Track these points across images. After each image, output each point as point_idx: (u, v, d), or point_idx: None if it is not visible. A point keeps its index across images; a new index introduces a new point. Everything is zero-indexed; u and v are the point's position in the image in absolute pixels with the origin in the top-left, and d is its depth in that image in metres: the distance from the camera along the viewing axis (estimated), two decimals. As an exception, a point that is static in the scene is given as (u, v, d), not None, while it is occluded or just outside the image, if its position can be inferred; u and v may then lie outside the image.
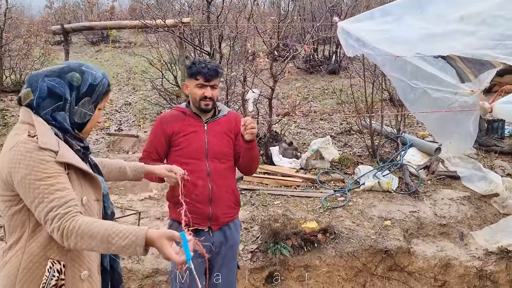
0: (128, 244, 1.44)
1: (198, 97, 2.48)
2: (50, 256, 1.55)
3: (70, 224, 1.46)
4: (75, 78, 1.65)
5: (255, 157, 2.57)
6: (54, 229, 1.47)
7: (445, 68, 3.95)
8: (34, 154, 1.50)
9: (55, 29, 6.40)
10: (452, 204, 4.79)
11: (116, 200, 4.75)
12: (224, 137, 2.55)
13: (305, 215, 4.41)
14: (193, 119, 2.54)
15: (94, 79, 1.69)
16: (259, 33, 6.00)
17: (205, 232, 2.49)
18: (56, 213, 1.47)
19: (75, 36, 14.07)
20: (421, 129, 7.16)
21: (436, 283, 3.99)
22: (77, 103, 1.65)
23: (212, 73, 2.46)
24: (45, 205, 1.47)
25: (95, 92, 1.69)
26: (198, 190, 2.46)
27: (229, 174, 2.60)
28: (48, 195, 1.48)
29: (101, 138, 7.26)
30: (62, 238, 1.47)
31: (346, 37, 4.15)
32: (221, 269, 2.60)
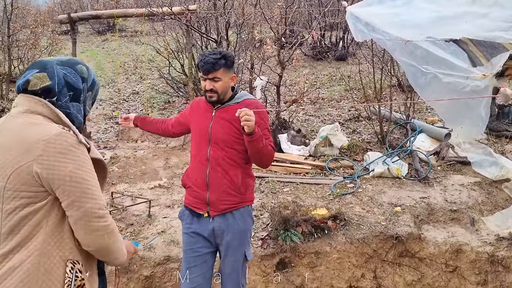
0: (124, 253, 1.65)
1: (203, 89, 2.52)
2: (68, 256, 1.48)
3: (114, 224, 1.52)
4: (84, 70, 1.64)
5: (259, 150, 2.42)
6: (105, 227, 1.47)
7: (457, 52, 3.89)
8: (78, 149, 1.46)
9: (62, 18, 6.38)
10: (462, 189, 4.76)
11: (126, 189, 4.77)
12: (227, 124, 2.48)
13: (315, 202, 4.41)
14: (206, 105, 2.61)
15: (94, 76, 1.71)
16: (266, 19, 5.94)
17: (205, 218, 2.55)
18: (105, 212, 1.49)
19: (81, 26, 14.05)
20: (430, 115, 7.10)
21: (447, 268, 3.99)
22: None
23: (208, 67, 2.41)
24: (96, 202, 1.46)
25: (95, 89, 1.71)
26: (197, 175, 2.55)
27: (230, 161, 2.50)
28: (97, 193, 1.48)
29: (110, 127, 7.29)
30: (107, 237, 1.49)
31: (355, 22, 4.09)
32: (226, 257, 2.58)
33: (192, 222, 2.59)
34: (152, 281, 3.60)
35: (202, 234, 2.56)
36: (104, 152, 5.68)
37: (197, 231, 2.57)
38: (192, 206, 2.58)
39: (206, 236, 2.56)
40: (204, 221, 2.56)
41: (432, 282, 3.99)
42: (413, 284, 3.99)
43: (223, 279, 2.64)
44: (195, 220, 2.58)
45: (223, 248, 2.59)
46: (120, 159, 5.48)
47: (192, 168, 2.61)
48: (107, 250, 1.53)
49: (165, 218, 4.19)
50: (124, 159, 5.47)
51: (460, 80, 3.99)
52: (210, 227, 2.55)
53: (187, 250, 2.60)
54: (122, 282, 3.57)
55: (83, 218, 1.44)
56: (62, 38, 10.97)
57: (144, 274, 3.59)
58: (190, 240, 2.59)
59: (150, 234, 3.90)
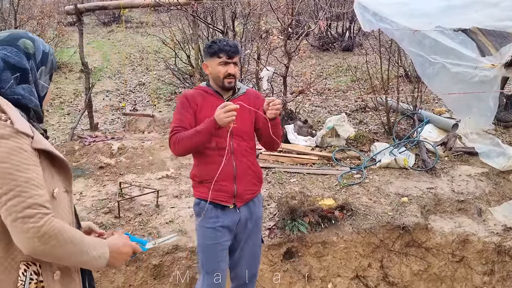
0: (97, 255, 1.42)
1: (222, 75, 2.47)
2: (22, 258, 1.34)
3: (52, 227, 1.29)
4: (29, 45, 1.45)
5: (279, 134, 2.56)
6: (32, 230, 1.26)
7: (465, 41, 3.86)
8: (10, 140, 1.29)
9: (69, 9, 6.39)
10: (470, 180, 4.75)
11: (134, 179, 4.81)
12: (245, 115, 2.53)
13: (322, 192, 4.42)
14: (214, 98, 2.54)
15: (45, 46, 1.51)
16: (273, 9, 5.92)
17: (231, 209, 2.55)
18: (36, 211, 1.27)
19: (87, 17, 14.04)
20: (437, 106, 7.07)
21: (454, 258, 3.99)
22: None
23: (235, 50, 2.47)
24: (22, 200, 1.26)
25: (48, 61, 1.52)
26: (223, 168, 2.44)
27: (251, 152, 2.62)
28: (27, 190, 1.28)
29: (117, 118, 7.33)
30: (39, 241, 1.27)
31: (363, 11, 4.07)
32: (246, 243, 2.67)
33: (217, 215, 2.53)
34: (160, 270, 3.64)
35: (228, 227, 2.55)
36: (112, 142, 5.71)
37: (224, 224, 2.53)
38: (216, 200, 2.51)
39: (232, 227, 2.57)
40: (231, 213, 2.55)
41: (438, 272, 4.00)
42: (419, 274, 4.01)
43: (240, 263, 2.68)
44: (220, 213, 2.53)
45: (244, 236, 2.64)
46: (128, 149, 5.52)
47: (212, 162, 2.47)
48: (50, 256, 1.33)
49: (173, 208, 4.23)
50: (131, 150, 5.51)
51: (469, 70, 3.97)
52: (236, 218, 2.56)
53: (213, 245, 2.54)
54: (130, 270, 3.62)
55: (6, 218, 1.27)
56: (68, 29, 10.99)
57: (153, 263, 3.63)
58: (217, 234, 2.53)
59: (159, 224, 3.94)
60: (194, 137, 2.38)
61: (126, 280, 3.59)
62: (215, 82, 2.56)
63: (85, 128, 6.82)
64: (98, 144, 5.64)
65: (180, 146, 2.42)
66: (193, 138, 2.38)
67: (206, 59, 2.56)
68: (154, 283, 3.63)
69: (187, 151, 2.49)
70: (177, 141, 2.42)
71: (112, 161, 5.22)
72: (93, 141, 5.81)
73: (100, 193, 4.49)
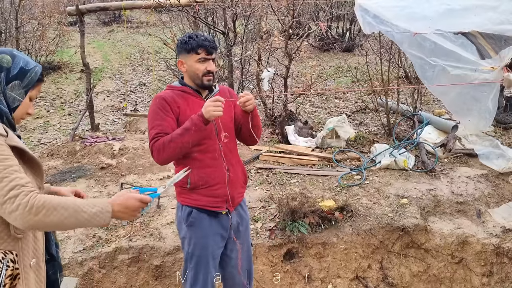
0: (98, 210, 1.51)
1: (200, 72, 2.32)
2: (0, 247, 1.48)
3: (38, 199, 1.41)
4: (5, 60, 1.60)
5: (260, 125, 2.50)
6: (20, 206, 1.38)
7: (465, 44, 3.88)
8: None
9: (70, 10, 6.41)
10: (469, 182, 4.78)
11: (135, 180, 4.83)
12: (226, 112, 2.36)
13: (322, 193, 4.45)
14: (194, 97, 2.39)
15: (26, 63, 1.64)
16: (274, 10, 5.94)
17: (223, 215, 2.44)
18: (20, 190, 1.41)
19: (87, 17, 14.04)
20: (437, 107, 7.09)
21: (453, 260, 4.02)
22: (6, 85, 1.58)
23: (214, 45, 2.35)
24: (5, 184, 1.40)
25: (26, 77, 1.62)
26: (216, 172, 2.37)
27: (236, 151, 2.55)
28: (8, 175, 1.42)
29: (118, 118, 7.35)
30: (30, 214, 1.39)
31: (364, 14, 4.09)
32: (242, 248, 2.59)
33: (211, 224, 2.41)
34: (162, 271, 3.66)
35: (222, 234, 2.46)
36: (113, 143, 5.73)
37: (217, 232, 2.44)
38: (210, 206, 2.38)
39: (224, 234, 2.47)
40: (224, 219, 2.45)
41: (437, 273, 4.03)
42: (419, 275, 4.03)
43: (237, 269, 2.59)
44: (213, 221, 2.41)
45: (238, 240, 2.56)
46: (129, 150, 5.54)
47: (204, 166, 2.35)
48: (49, 225, 1.45)
49: (174, 209, 4.24)
50: (132, 150, 5.53)
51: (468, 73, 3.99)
52: (228, 224, 2.47)
53: (206, 255, 2.42)
54: (132, 271, 3.65)
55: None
56: (69, 29, 11.01)
57: (154, 264, 3.65)
58: (210, 243, 2.42)
59: (160, 225, 3.96)
60: (182, 137, 2.18)
61: (127, 281, 3.62)
62: (192, 80, 2.38)
63: (86, 128, 6.84)
64: (99, 144, 5.66)
65: (167, 151, 2.20)
66: (182, 138, 2.18)
67: (181, 55, 2.37)
68: (156, 284, 3.65)
69: (175, 156, 2.25)
70: (162, 147, 2.19)
71: (114, 161, 5.24)
72: (94, 141, 5.83)
73: (102, 194, 4.51)
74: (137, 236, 3.79)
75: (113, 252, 3.64)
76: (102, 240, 3.75)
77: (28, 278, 1.53)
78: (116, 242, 3.72)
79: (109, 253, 3.63)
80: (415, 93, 6.26)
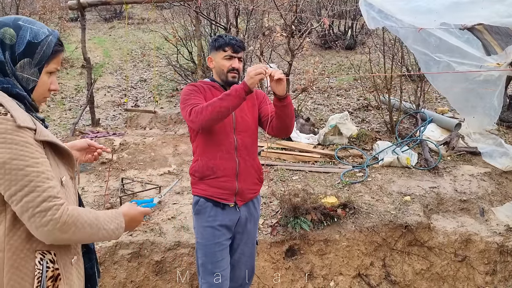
0: (115, 227, 1.48)
1: (226, 69, 2.44)
2: (37, 247, 1.36)
3: (70, 216, 1.32)
4: (8, 34, 1.36)
5: (293, 114, 2.41)
6: (51, 222, 1.28)
7: (471, 40, 3.84)
8: (14, 135, 1.28)
9: (71, 4, 6.36)
10: (472, 180, 4.74)
11: (136, 175, 4.79)
12: (249, 111, 2.52)
13: (324, 190, 4.41)
14: (219, 92, 2.43)
15: (35, 36, 1.40)
16: (277, 6, 5.90)
17: (231, 208, 2.48)
18: (52, 203, 1.29)
19: (89, 13, 14.00)
20: (440, 105, 7.05)
21: (456, 258, 3.98)
22: (14, 65, 1.38)
23: (241, 45, 2.47)
24: (37, 194, 1.27)
25: (36, 53, 1.40)
26: (225, 164, 2.42)
27: (254, 149, 2.57)
28: (40, 184, 1.29)
29: (119, 114, 7.31)
30: (59, 231, 1.30)
31: (368, 9, 4.05)
32: (246, 244, 2.62)
33: (216, 214, 2.45)
34: (162, 266, 3.63)
35: (228, 226, 2.48)
36: (114, 138, 5.69)
37: (223, 223, 2.46)
38: (217, 197, 2.44)
39: (231, 227, 2.50)
40: (231, 212, 2.48)
41: (441, 271, 3.99)
42: (421, 273, 4.00)
43: (238, 264, 2.64)
44: (219, 211, 2.45)
45: (242, 236, 2.59)
46: (130, 145, 5.50)
47: (215, 158, 2.42)
48: (71, 242, 1.38)
49: (175, 205, 4.21)
50: (133, 146, 5.49)
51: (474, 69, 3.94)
52: (236, 217, 2.50)
53: (213, 245, 2.45)
54: (132, 266, 3.61)
55: (23, 214, 1.28)
56: (70, 25, 10.96)
57: (155, 259, 3.62)
58: (216, 233, 2.45)
59: (161, 220, 3.92)
60: (221, 101, 2.19)
61: (128, 276, 3.58)
62: (218, 76, 2.51)
63: (86, 123, 6.80)
64: (100, 139, 5.62)
65: (205, 113, 2.20)
66: (221, 102, 2.18)
67: (211, 52, 2.52)
68: (156, 279, 3.62)
69: (213, 119, 2.21)
70: (201, 110, 2.22)
71: (114, 156, 5.20)
72: (94, 136, 5.79)
73: (102, 189, 4.48)
74: (137, 231, 3.75)
75: (114, 247, 3.60)
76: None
77: (69, 277, 1.44)
78: (117, 237, 3.68)
79: (109, 247, 3.59)
80: (418, 90, 6.21)
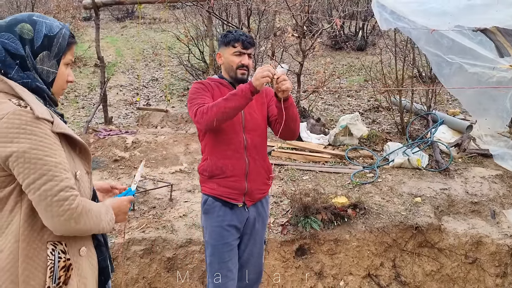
0: (110, 218, 1.52)
1: (235, 65, 2.38)
2: (48, 238, 1.39)
3: (84, 207, 1.37)
4: (25, 29, 1.39)
5: (296, 116, 2.38)
6: (68, 212, 1.32)
7: (483, 42, 3.84)
8: (34, 126, 1.31)
9: (86, 3, 6.45)
10: (483, 182, 4.72)
11: (148, 173, 4.85)
12: (259, 109, 2.48)
13: (335, 190, 4.42)
14: (228, 90, 2.40)
15: (50, 28, 1.44)
16: (289, 7, 5.92)
17: (239, 208, 2.45)
18: (69, 193, 1.33)
19: (101, 13, 14.07)
20: (451, 107, 7.02)
21: (467, 260, 3.98)
22: (34, 59, 1.42)
23: (251, 41, 2.41)
24: (55, 184, 1.31)
25: (54, 45, 1.44)
26: (235, 164, 2.39)
27: (264, 148, 2.54)
28: (58, 173, 1.32)
29: (131, 112, 7.38)
30: (74, 222, 1.34)
31: (381, 10, 4.06)
32: (254, 245, 2.59)
33: (225, 214, 2.42)
34: (174, 263, 3.67)
35: (236, 226, 2.46)
36: (126, 136, 5.76)
37: (232, 223, 2.44)
38: (226, 197, 2.41)
39: (239, 227, 2.48)
40: (239, 212, 2.45)
41: (451, 273, 3.99)
42: (432, 274, 4.00)
43: (247, 264, 2.60)
44: (228, 211, 2.43)
45: (250, 236, 2.55)
46: (142, 143, 5.56)
47: (224, 157, 2.39)
48: (79, 232, 1.40)
49: (186, 202, 4.26)
50: (145, 144, 5.55)
51: (486, 71, 3.94)
52: (245, 218, 2.48)
53: (221, 245, 2.42)
54: (144, 263, 3.66)
55: (40, 202, 1.31)
56: (83, 24, 11.08)
57: (167, 256, 3.66)
58: (224, 233, 2.42)
59: (172, 218, 3.97)
60: (226, 101, 2.16)
61: (140, 272, 3.63)
62: (227, 73, 2.45)
63: (99, 121, 6.88)
64: (113, 137, 5.69)
65: (210, 113, 2.17)
66: (227, 102, 2.16)
67: (220, 48, 2.45)
68: (167, 276, 3.66)
69: (218, 120, 2.18)
70: (206, 110, 2.19)
71: (126, 154, 5.26)
72: (107, 134, 5.86)
73: (115, 186, 4.54)
74: (150, 228, 3.80)
75: (126, 243, 3.66)
76: (115, 231, 3.77)
77: (80, 268, 1.46)
78: (130, 233, 3.73)
79: (122, 244, 3.65)
80: (429, 92, 6.20)
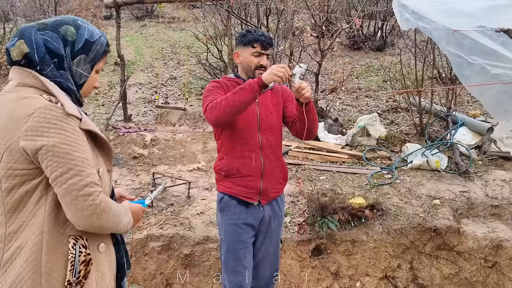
0: (129, 220, 1.55)
1: (253, 65, 2.37)
2: (70, 233, 1.41)
3: (106, 203, 1.40)
4: (69, 31, 1.45)
5: (316, 119, 2.39)
6: (92, 207, 1.35)
7: (507, 43, 3.77)
8: (64, 122, 1.35)
9: (108, 2, 6.54)
10: (504, 185, 4.65)
11: (166, 170, 4.91)
12: (274, 109, 2.47)
13: (352, 191, 4.41)
14: None
15: (91, 34, 1.50)
16: (308, 6, 5.91)
17: (255, 206, 2.46)
18: (94, 189, 1.36)
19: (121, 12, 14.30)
20: (472, 108, 6.92)
21: (486, 264, 3.93)
22: (72, 60, 1.47)
23: (270, 41, 2.39)
24: (81, 179, 1.34)
25: (92, 50, 1.50)
26: (250, 163, 2.40)
27: (279, 148, 2.55)
28: (85, 169, 1.35)
29: (149, 110, 7.46)
30: (96, 218, 1.37)
31: (402, 10, 4.03)
32: (270, 243, 2.59)
33: (241, 212, 2.44)
34: (191, 260, 3.71)
35: (252, 224, 2.46)
36: (145, 134, 5.83)
37: (247, 221, 2.44)
38: (241, 195, 2.42)
39: (254, 225, 2.48)
40: (255, 210, 2.46)
41: (469, 277, 3.94)
42: (450, 277, 3.96)
43: (262, 263, 2.60)
44: (243, 209, 2.44)
45: (266, 234, 2.56)
46: (160, 141, 5.62)
47: (240, 156, 2.40)
48: (99, 229, 1.43)
49: (204, 200, 4.29)
50: (163, 142, 5.61)
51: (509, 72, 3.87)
52: (260, 216, 2.48)
53: (236, 243, 2.44)
54: (162, 259, 3.71)
55: (66, 195, 1.34)
56: (104, 23, 11.23)
57: (184, 252, 3.71)
58: (239, 231, 2.44)
59: (190, 215, 4.01)
60: (234, 95, 2.16)
61: (157, 268, 3.68)
62: (245, 73, 2.43)
63: (119, 119, 6.97)
64: (132, 135, 5.77)
65: (219, 108, 2.17)
66: (234, 96, 2.16)
67: (238, 47, 2.43)
68: (185, 272, 3.70)
69: (227, 114, 2.18)
70: (215, 105, 2.20)
71: (145, 152, 5.33)
72: (127, 132, 5.94)
73: (134, 182, 4.61)
74: (168, 224, 3.85)
75: (145, 239, 3.71)
76: (134, 227, 3.83)
77: (99, 263, 1.48)
78: (148, 229, 3.79)
79: (140, 239, 3.70)
80: (450, 93, 6.12)
